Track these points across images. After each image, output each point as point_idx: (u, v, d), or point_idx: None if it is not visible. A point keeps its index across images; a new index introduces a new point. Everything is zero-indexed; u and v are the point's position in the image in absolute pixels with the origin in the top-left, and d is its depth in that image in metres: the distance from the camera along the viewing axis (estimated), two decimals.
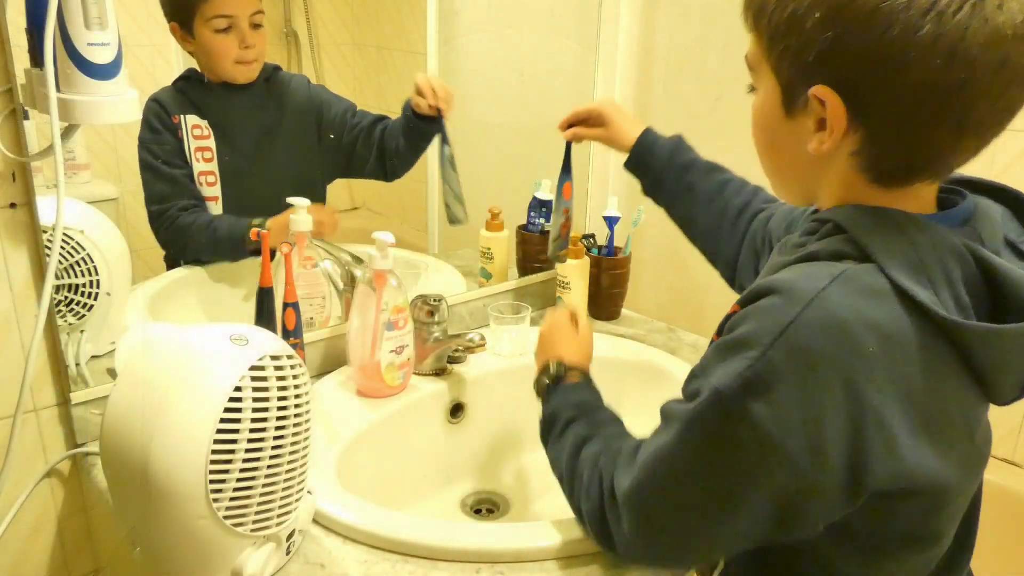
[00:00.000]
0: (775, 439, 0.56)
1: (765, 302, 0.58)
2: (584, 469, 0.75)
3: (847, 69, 0.56)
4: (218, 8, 1.07)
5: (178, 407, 0.65)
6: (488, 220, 1.33)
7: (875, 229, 0.58)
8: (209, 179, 1.13)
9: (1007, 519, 1.52)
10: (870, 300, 0.55)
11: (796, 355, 0.55)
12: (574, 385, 0.87)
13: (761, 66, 0.64)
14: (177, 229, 1.11)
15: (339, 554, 0.79)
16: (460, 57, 1.38)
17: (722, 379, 0.58)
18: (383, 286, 1.03)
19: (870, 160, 0.60)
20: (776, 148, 0.67)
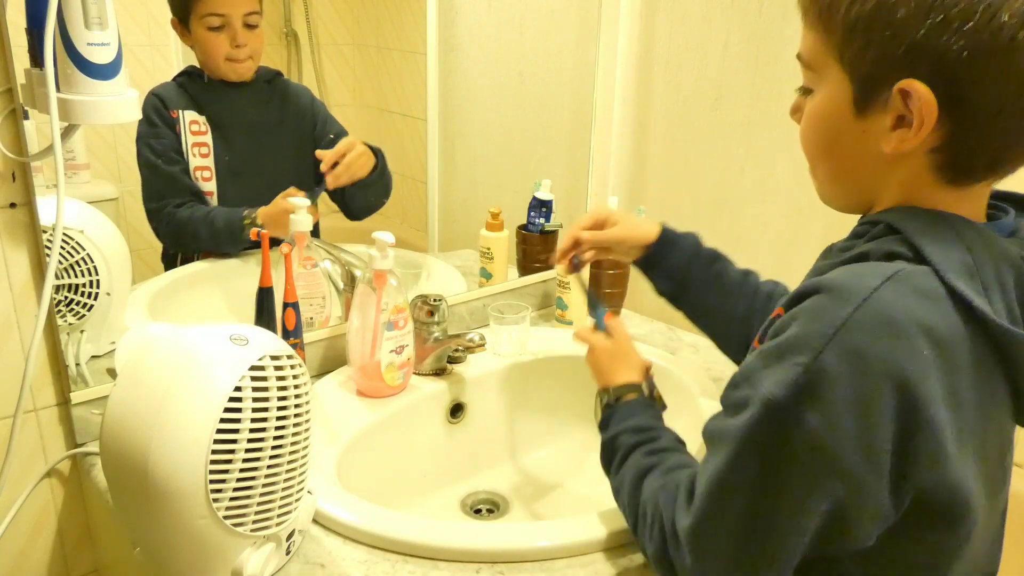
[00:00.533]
0: (830, 447, 0.54)
1: (814, 302, 0.56)
2: (647, 506, 0.71)
3: (946, 60, 0.53)
4: (211, 6, 1.08)
5: (178, 407, 0.65)
6: (488, 220, 1.33)
7: (930, 231, 0.57)
8: (204, 175, 1.13)
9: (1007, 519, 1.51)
10: (924, 302, 0.54)
11: (848, 358, 0.53)
12: (629, 405, 0.83)
13: (826, 64, 0.60)
14: (176, 224, 1.12)
15: (339, 554, 0.79)
16: (460, 57, 1.38)
17: (773, 388, 0.55)
18: (383, 286, 1.03)
19: (951, 156, 0.57)
20: (837, 149, 0.63)
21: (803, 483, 0.56)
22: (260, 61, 1.16)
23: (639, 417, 0.81)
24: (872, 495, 0.55)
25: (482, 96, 1.44)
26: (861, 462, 0.54)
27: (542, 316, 1.40)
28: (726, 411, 0.63)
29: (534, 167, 1.50)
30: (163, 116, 1.10)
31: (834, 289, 0.55)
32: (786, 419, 0.55)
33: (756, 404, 0.57)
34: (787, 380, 0.55)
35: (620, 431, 0.80)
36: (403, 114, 1.37)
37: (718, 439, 0.62)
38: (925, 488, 0.56)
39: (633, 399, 0.84)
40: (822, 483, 0.55)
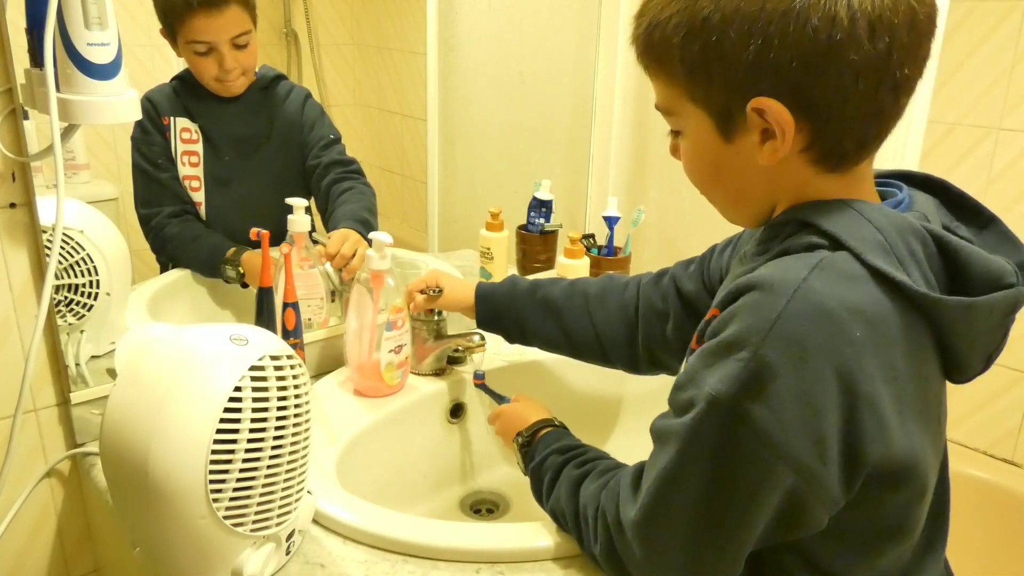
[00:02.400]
0: (777, 439, 0.55)
1: (748, 299, 0.58)
2: (588, 509, 0.72)
3: (781, 73, 0.57)
4: (195, 35, 1.05)
5: (178, 407, 0.65)
6: (488, 220, 1.33)
7: (839, 219, 0.60)
8: (193, 184, 1.12)
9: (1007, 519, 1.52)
10: (850, 285, 0.56)
11: (787, 348, 0.55)
12: (547, 435, 0.86)
13: (682, 107, 0.64)
14: (163, 238, 1.11)
15: (339, 554, 0.79)
16: (460, 57, 1.38)
17: (717, 384, 0.57)
18: (380, 286, 1.03)
19: (822, 150, 0.61)
20: (724, 176, 0.67)
21: (753, 477, 0.57)
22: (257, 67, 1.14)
23: (561, 440, 0.84)
24: (822, 482, 0.57)
25: (482, 96, 1.44)
26: (809, 450, 0.56)
27: None
28: (671, 412, 0.64)
29: (534, 167, 1.50)
30: (155, 122, 1.09)
31: (766, 284, 0.57)
32: (732, 414, 0.56)
33: (701, 402, 0.58)
34: (730, 375, 0.56)
35: (546, 455, 0.82)
36: (403, 114, 1.37)
37: (665, 437, 0.63)
38: (875, 464, 0.57)
39: (549, 430, 0.87)
40: (772, 475, 0.56)
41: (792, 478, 0.56)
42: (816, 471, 0.56)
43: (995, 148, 1.51)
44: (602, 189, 1.54)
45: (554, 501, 0.78)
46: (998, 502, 1.50)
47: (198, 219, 1.14)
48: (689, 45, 0.60)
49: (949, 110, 1.55)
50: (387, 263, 1.02)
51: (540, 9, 1.43)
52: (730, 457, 0.58)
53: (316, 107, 1.22)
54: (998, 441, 1.54)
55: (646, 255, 1.53)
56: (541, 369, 1.20)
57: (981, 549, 1.51)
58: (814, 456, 0.56)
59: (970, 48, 1.50)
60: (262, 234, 0.97)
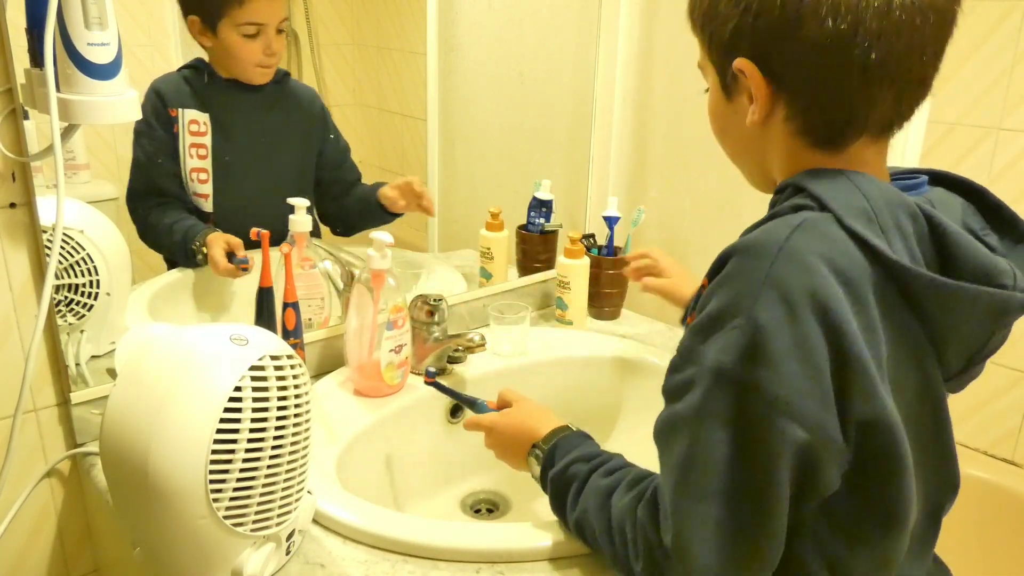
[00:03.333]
0: (785, 397, 0.56)
1: (733, 266, 0.59)
2: (625, 526, 0.68)
3: (756, 40, 0.62)
4: (251, 15, 1.07)
5: (178, 407, 0.65)
6: (488, 220, 1.33)
7: (830, 184, 0.61)
8: (201, 176, 1.12)
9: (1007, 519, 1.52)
10: (830, 244, 0.58)
11: (777, 306, 0.56)
12: (567, 440, 0.81)
13: (706, 64, 0.70)
14: (146, 225, 1.10)
15: (339, 554, 0.79)
16: (460, 57, 1.38)
17: (718, 356, 0.58)
18: (381, 286, 1.03)
19: (801, 123, 0.64)
20: (726, 132, 0.72)
21: (770, 440, 0.57)
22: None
23: (583, 447, 0.79)
24: (829, 433, 0.57)
25: (482, 96, 1.44)
26: (815, 402, 0.56)
27: (542, 316, 1.40)
28: (670, 398, 0.63)
29: (534, 167, 1.50)
30: (160, 114, 1.08)
31: (750, 248, 0.59)
32: (738, 382, 0.57)
33: (705, 377, 0.59)
34: (729, 344, 0.57)
35: (569, 462, 0.77)
36: (403, 114, 1.37)
37: (671, 430, 0.62)
38: (863, 420, 0.58)
39: (569, 434, 0.82)
40: (787, 434, 0.56)
41: (804, 434, 0.56)
42: (824, 422, 0.57)
43: (995, 148, 1.51)
44: (602, 189, 1.54)
45: (580, 513, 0.74)
46: (998, 502, 1.50)
47: (184, 209, 1.12)
48: (700, 6, 0.66)
49: (949, 110, 1.55)
50: (387, 263, 1.02)
51: (540, 9, 1.43)
52: (744, 426, 0.58)
53: (328, 111, 1.24)
54: (998, 441, 1.54)
55: None
56: (540, 370, 1.20)
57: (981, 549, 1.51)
58: (820, 408, 0.56)
59: (970, 48, 1.50)
60: (262, 234, 0.97)
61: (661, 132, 1.47)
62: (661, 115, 1.47)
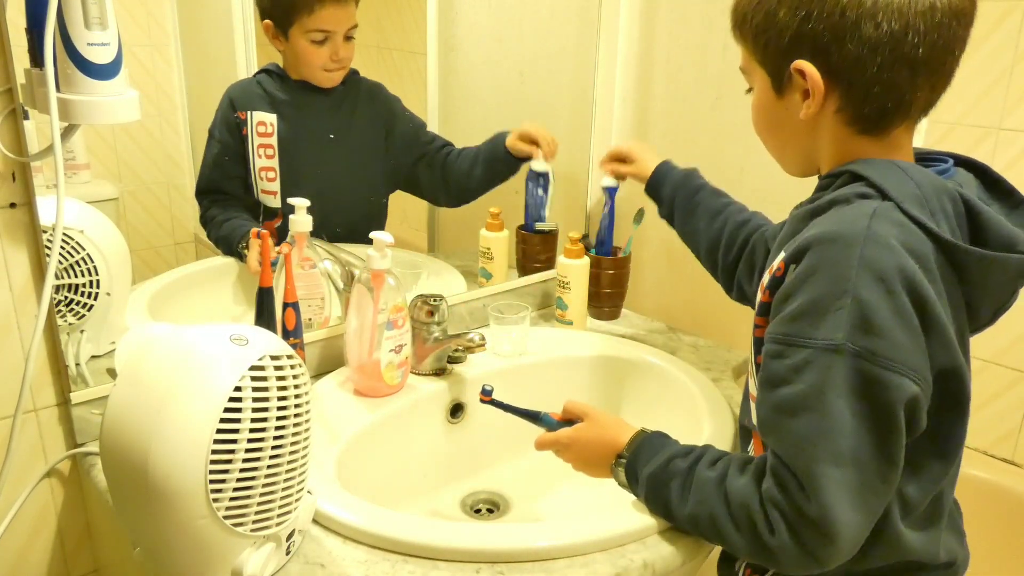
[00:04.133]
0: (899, 357, 0.65)
1: (823, 255, 0.68)
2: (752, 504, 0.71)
3: (816, 41, 0.71)
4: (319, 23, 1.11)
5: (178, 407, 0.65)
6: (488, 220, 1.33)
7: (887, 174, 0.71)
8: (269, 175, 1.15)
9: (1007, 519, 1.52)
10: (901, 229, 0.67)
11: (877, 284, 0.65)
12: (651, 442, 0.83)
13: (752, 66, 0.79)
14: (204, 219, 1.16)
15: (339, 554, 0.79)
16: (460, 57, 1.38)
17: (832, 335, 0.66)
18: (381, 286, 1.03)
19: (852, 112, 0.73)
20: (775, 127, 0.81)
21: (891, 398, 0.65)
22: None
23: (672, 445, 0.83)
24: (929, 383, 0.68)
25: (482, 96, 1.44)
26: (920, 359, 0.67)
27: (542, 316, 1.40)
28: (777, 383, 0.70)
29: None
30: (228, 120, 1.13)
31: (838, 238, 0.68)
32: (855, 355, 0.65)
33: (821, 357, 0.66)
34: (840, 323, 0.66)
35: (664, 461, 0.80)
36: None
37: (788, 409, 0.69)
38: (942, 368, 0.69)
39: (651, 433, 0.85)
40: (904, 388, 0.66)
41: (915, 386, 0.66)
42: (927, 376, 0.67)
43: (995, 148, 1.51)
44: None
45: (694, 506, 0.76)
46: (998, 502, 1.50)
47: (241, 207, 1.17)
48: (756, 14, 0.75)
49: (949, 110, 1.55)
50: (387, 263, 1.02)
51: (540, 9, 1.43)
52: (867, 391, 0.66)
53: (396, 99, 1.28)
54: (998, 441, 1.54)
55: (646, 255, 1.53)
56: (540, 370, 1.20)
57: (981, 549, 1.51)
58: (924, 363, 0.67)
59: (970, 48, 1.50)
60: (262, 234, 0.98)
61: (661, 132, 1.47)
62: (661, 115, 1.47)
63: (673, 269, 1.51)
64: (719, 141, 1.39)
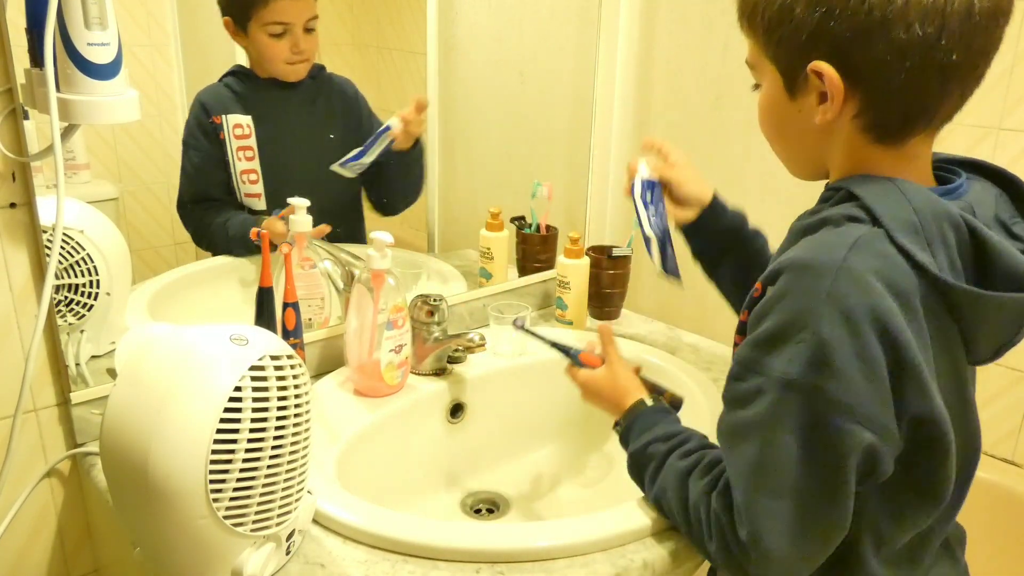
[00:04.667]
0: (853, 404, 0.61)
1: (793, 282, 0.64)
2: (699, 509, 0.73)
3: (837, 41, 0.64)
4: (275, 15, 1.09)
5: (178, 407, 0.65)
6: (488, 220, 1.33)
7: (882, 196, 0.65)
8: (251, 177, 1.14)
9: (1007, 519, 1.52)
10: (883, 262, 0.62)
11: (840, 322, 0.61)
12: (646, 415, 0.87)
13: (761, 61, 0.72)
14: (198, 227, 1.14)
15: (339, 554, 0.79)
16: (460, 57, 1.38)
17: (786, 368, 0.63)
18: (381, 286, 1.03)
19: (871, 119, 0.67)
20: (785, 129, 0.74)
21: (840, 443, 0.62)
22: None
23: (663, 424, 0.85)
24: (891, 432, 0.63)
25: (482, 96, 1.44)
26: (878, 407, 0.62)
27: (542, 316, 1.40)
28: (735, 405, 0.68)
29: (534, 167, 1.50)
30: (203, 125, 1.11)
31: (808, 266, 0.63)
32: (807, 393, 0.62)
33: (773, 388, 0.64)
34: (797, 358, 0.62)
35: (648, 441, 0.82)
36: None
37: (739, 433, 0.67)
38: (915, 417, 0.64)
39: (647, 407, 0.88)
40: (855, 436, 0.62)
41: (871, 436, 0.62)
42: (887, 424, 0.63)
43: (995, 148, 1.51)
44: (602, 189, 1.54)
45: (659, 491, 0.80)
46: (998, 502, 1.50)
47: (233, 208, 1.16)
48: (769, 7, 0.67)
49: None
50: (387, 263, 1.02)
51: (540, 9, 1.43)
52: (814, 431, 0.63)
53: (364, 98, 1.26)
54: (998, 441, 1.54)
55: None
56: (540, 370, 1.20)
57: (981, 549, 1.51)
58: (881, 411, 0.62)
59: None
60: (262, 235, 0.97)
61: (661, 132, 1.47)
62: (661, 115, 1.47)
63: None
64: (719, 141, 1.39)
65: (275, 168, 1.15)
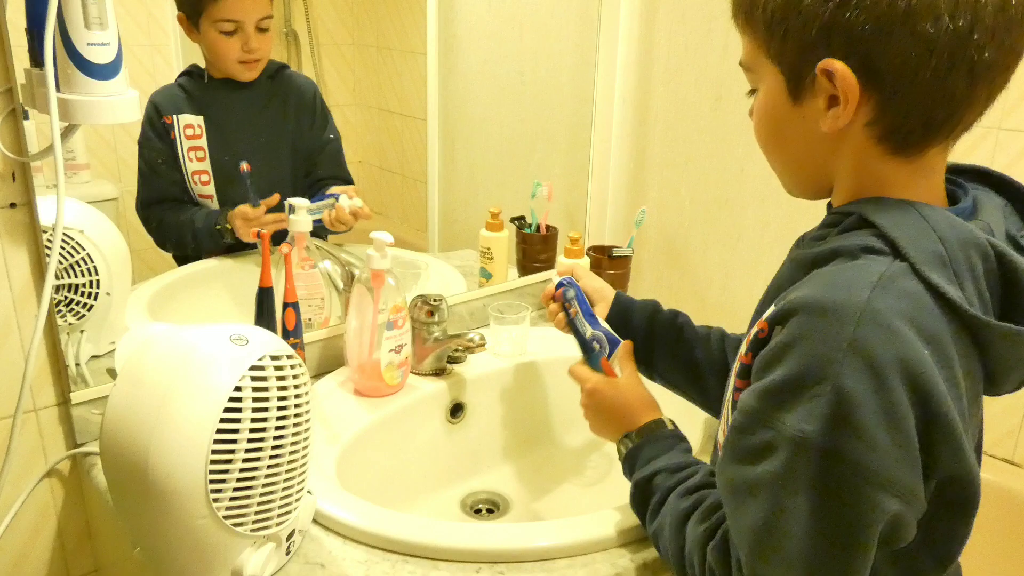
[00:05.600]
0: (876, 468, 0.54)
1: (806, 326, 0.56)
2: (693, 556, 0.67)
3: (853, 35, 0.56)
4: (225, 13, 1.07)
5: (178, 407, 0.65)
6: (488, 220, 1.33)
7: (903, 223, 0.58)
8: (203, 178, 1.13)
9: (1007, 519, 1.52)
10: (911, 304, 0.55)
11: (865, 374, 0.53)
12: (658, 441, 0.80)
13: (760, 62, 0.64)
14: (161, 229, 1.12)
15: (339, 554, 0.79)
16: (460, 57, 1.38)
17: (802, 425, 0.55)
18: (381, 286, 1.03)
19: (887, 126, 0.59)
20: (785, 138, 0.66)
21: (859, 511, 0.55)
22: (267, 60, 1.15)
23: (670, 454, 0.78)
24: (919, 498, 0.56)
25: (482, 96, 1.44)
26: (907, 471, 0.55)
27: (542, 316, 1.40)
28: (740, 459, 0.60)
29: (534, 167, 1.50)
30: (155, 124, 1.09)
31: (828, 309, 0.55)
32: (824, 453, 0.54)
33: (786, 446, 0.56)
34: (814, 414, 0.54)
35: (654, 472, 0.76)
36: (403, 114, 1.37)
37: (746, 491, 0.60)
38: (946, 477, 0.57)
39: (660, 433, 0.81)
40: (878, 506, 0.55)
41: (896, 502, 0.55)
42: (915, 490, 0.55)
43: (995, 148, 1.51)
44: (602, 189, 1.54)
45: (657, 528, 0.74)
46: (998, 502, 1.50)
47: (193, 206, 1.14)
48: (769, 2, 0.60)
49: None
50: (387, 263, 1.02)
51: (540, 9, 1.43)
52: (830, 497, 0.55)
53: (323, 101, 1.24)
54: (998, 441, 1.54)
55: (646, 255, 1.53)
56: (540, 370, 1.20)
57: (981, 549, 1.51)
58: (911, 475, 0.55)
59: None
60: (262, 235, 0.97)
61: (661, 132, 1.47)
62: (661, 115, 1.47)
63: (673, 269, 1.51)
64: (719, 141, 1.39)
65: (226, 170, 1.14)
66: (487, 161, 1.48)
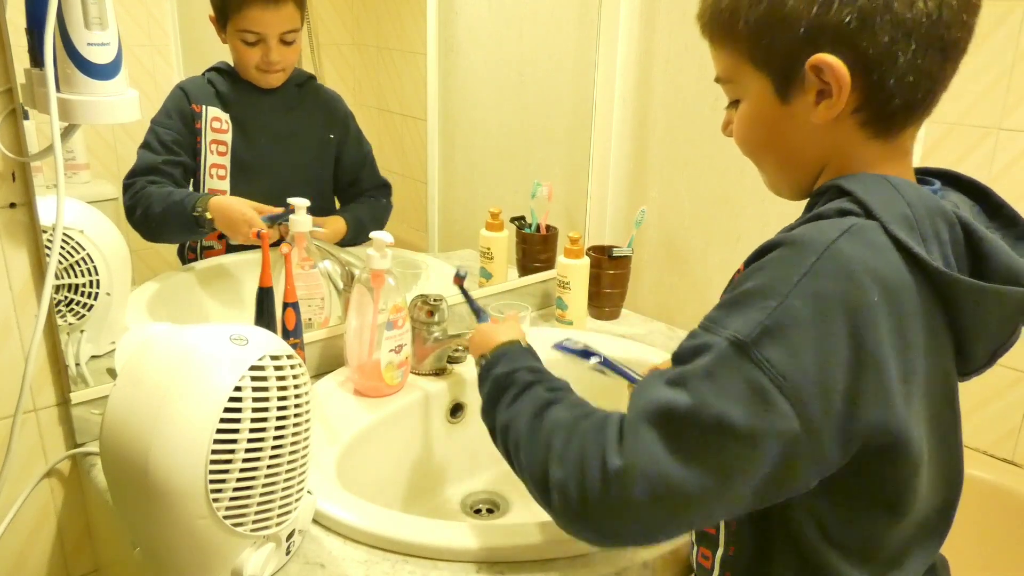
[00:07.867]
0: (792, 380, 0.56)
1: (779, 254, 0.60)
2: (555, 435, 0.66)
3: (839, 30, 0.60)
4: (247, 24, 1.09)
5: (178, 407, 0.65)
6: (488, 220, 1.33)
7: (875, 190, 0.62)
8: (220, 172, 1.14)
9: (1007, 519, 1.52)
10: (875, 253, 0.58)
11: (812, 302, 0.57)
12: (517, 351, 0.82)
13: (741, 72, 0.67)
14: (138, 195, 1.08)
15: (339, 554, 0.79)
16: (460, 57, 1.38)
17: (739, 326, 0.58)
18: (381, 286, 1.03)
19: (872, 111, 0.63)
20: (776, 140, 0.69)
21: (764, 418, 0.57)
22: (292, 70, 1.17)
23: (533, 361, 0.81)
24: (820, 437, 0.58)
25: (482, 96, 1.44)
26: (817, 400, 0.57)
27: (542, 316, 1.40)
28: (679, 361, 0.62)
29: (534, 167, 1.50)
30: (183, 109, 1.10)
31: (797, 242, 0.60)
32: (751, 355, 0.57)
33: (719, 344, 0.59)
34: (754, 320, 0.58)
35: (516, 368, 0.78)
36: (403, 114, 1.37)
37: (671, 382, 0.60)
38: (874, 426, 0.58)
39: (518, 346, 0.83)
40: (780, 420, 0.57)
41: (797, 427, 0.57)
42: (817, 422, 0.57)
43: (995, 148, 1.51)
44: (602, 189, 1.54)
45: (511, 414, 0.73)
46: (998, 502, 1.50)
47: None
48: (755, 6, 0.63)
49: (949, 110, 1.55)
50: (387, 263, 1.02)
51: (540, 9, 1.43)
52: (744, 393, 0.57)
53: (353, 116, 1.26)
54: (998, 441, 1.54)
55: (646, 255, 1.53)
56: None
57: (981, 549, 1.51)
58: (819, 407, 0.57)
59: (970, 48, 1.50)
60: (262, 234, 0.97)
61: (661, 132, 1.47)
62: (661, 115, 1.47)
63: (673, 269, 1.51)
64: (719, 141, 1.39)
65: (242, 167, 1.15)
66: (487, 161, 1.48)
